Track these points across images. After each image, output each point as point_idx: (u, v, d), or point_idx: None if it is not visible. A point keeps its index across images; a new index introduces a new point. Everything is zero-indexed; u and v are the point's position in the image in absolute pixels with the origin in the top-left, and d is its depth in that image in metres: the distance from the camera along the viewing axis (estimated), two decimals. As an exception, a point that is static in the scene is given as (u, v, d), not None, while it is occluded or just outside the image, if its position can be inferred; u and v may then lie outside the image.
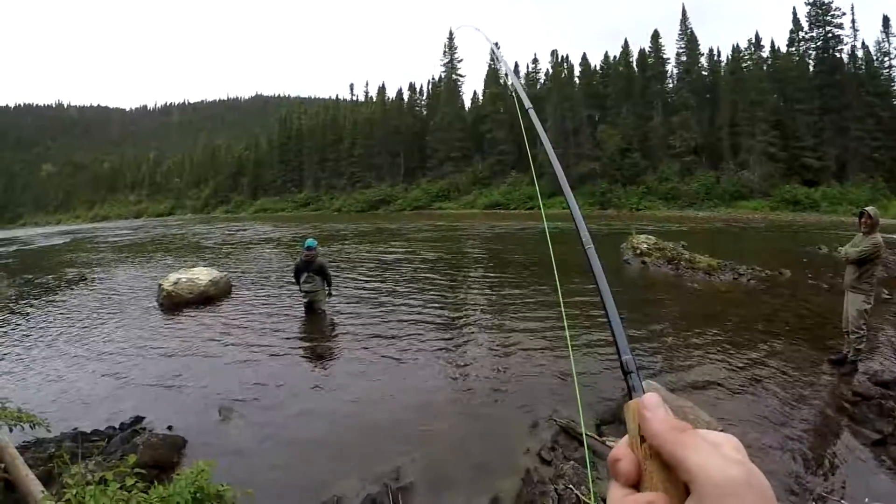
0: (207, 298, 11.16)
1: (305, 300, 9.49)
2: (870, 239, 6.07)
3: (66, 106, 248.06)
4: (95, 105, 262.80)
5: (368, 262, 16.80)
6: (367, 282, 13.14)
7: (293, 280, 9.74)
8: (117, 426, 5.16)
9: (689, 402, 4.76)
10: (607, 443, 4.30)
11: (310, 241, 9.42)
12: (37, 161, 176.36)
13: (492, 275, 14.03)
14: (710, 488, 0.39)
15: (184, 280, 11.29)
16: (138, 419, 5.30)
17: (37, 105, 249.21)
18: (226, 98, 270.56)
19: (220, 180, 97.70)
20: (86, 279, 15.86)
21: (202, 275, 11.71)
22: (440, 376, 6.35)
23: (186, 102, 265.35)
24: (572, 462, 4.16)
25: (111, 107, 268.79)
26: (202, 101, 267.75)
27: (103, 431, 5.02)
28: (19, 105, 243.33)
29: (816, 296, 10.69)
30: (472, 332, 8.22)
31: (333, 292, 9.80)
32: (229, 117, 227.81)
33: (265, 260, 18.93)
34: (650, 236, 16.57)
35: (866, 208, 6.30)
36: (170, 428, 5.04)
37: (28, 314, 11.28)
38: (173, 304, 10.80)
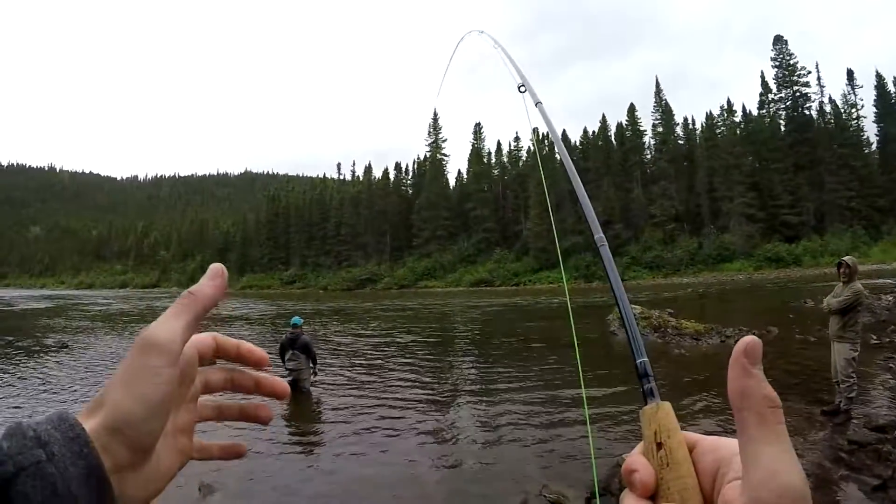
0: None
1: (290, 378, 9.19)
2: (850, 287, 6.28)
3: (58, 170, 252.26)
4: (87, 171, 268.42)
5: (354, 341, 16.75)
6: (352, 360, 13.15)
7: (278, 358, 9.63)
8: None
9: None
10: None
11: (295, 319, 9.53)
12: (25, 222, 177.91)
13: (477, 351, 14.18)
14: (770, 493, 0.35)
15: None
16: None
17: (29, 166, 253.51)
18: (215, 173, 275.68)
19: (207, 255, 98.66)
20: (67, 346, 15.84)
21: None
22: (428, 454, 6.33)
23: (177, 175, 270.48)
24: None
25: (102, 174, 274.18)
26: (192, 175, 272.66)
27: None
28: (12, 165, 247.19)
29: (805, 350, 10.83)
30: (459, 409, 8.34)
31: (318, 371, 9.80)
32: (218, 192, 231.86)
33: (250, 336, 18.86)
34: (636, 306, 16.64)
35: (844, 258, 6.55)
36: (149, 505, 5.20)
37: (2, 379, 11.24)
38: None
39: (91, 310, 35.19)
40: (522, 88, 1.41)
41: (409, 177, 78.98)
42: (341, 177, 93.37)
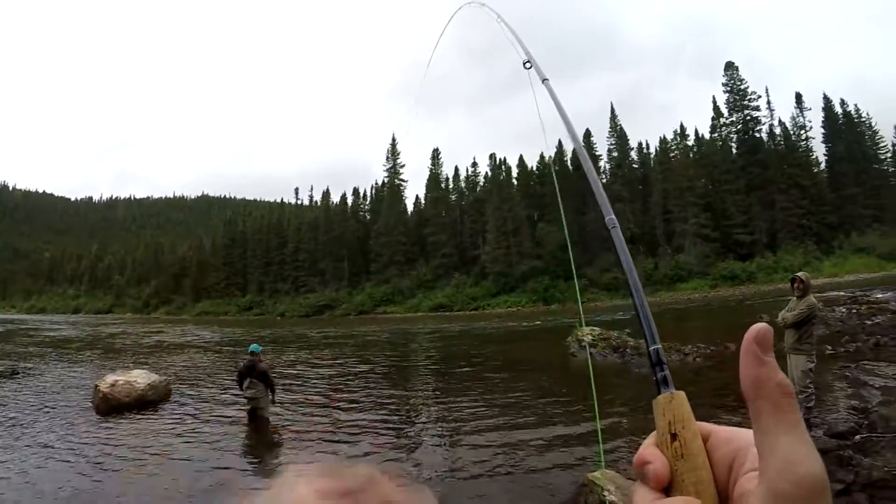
0: (146, 403, 10.92)
1: (248, 406, 9.36)
2: (804, 301, 6.53)
3: (10, 189, 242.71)
4: (41, 191, 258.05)
5: (312, 368, 16.82)
6: (311, 388, 13.14)
7: (236, 385, 9.64)
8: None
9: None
10: None
11: (253, 346, 9.51)
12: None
13: (436, 377, 14.29)
14: (789, 484, 0.35)
15: (121, 382, 11.04)
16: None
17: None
18: (172, 196, 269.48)
19: (162, 280, 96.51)
20: (18, 373, 15.65)
21: (141, 378, 11.49)
22: None
23: (132, 198, 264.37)
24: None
25: (56, 194, 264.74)
26: (148, 198, 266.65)
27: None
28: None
29: None
30: (421, 433, 8.34)
31: (277, 399, 9.73)
32: (174, 216, 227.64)
33: (207, 364, 18.74)
34: (594, 327, 17.03)
35: (797, 274, 6.84)
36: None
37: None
38: (109, 407, 10.55)
39: (41, 335, 34.33)
40: (528, 64, 1.36)
41: (367, 202, 79.19)
42: (299, 201, 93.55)
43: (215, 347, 25.60)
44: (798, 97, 61.07)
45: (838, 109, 61.04)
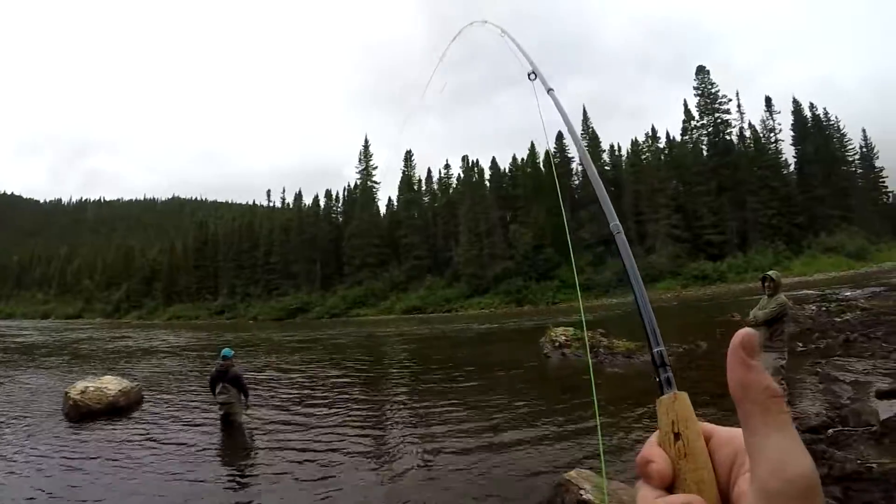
0: (117, 409, 10.79)
1: (221, 412, 9.24)
2: (775, 300, 6.62)
3: None
4: (9, 193, 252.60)
5: (286, 372, 16.69)
6: (284, 392, 13.05)
7: (208, 390, 9.57)
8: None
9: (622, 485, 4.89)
10: None
11: (226, 351, 9.40)
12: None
13: (410, 380, 14.22)
14: (780, 483, 0.36)
15: (92, 389, 10.91)
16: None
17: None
18: (143, 198, 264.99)
19: (132, 284, 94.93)
20: None
21: (112, 384, 11.36)
22: (366, 486, 6.28)
23: (102, 200, 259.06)
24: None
25: (25, 196, 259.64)
26: (118, 200, 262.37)
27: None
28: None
29: None
30: (397, 437, 8.29)
31: (250, 404, 9.65)
32: (145, 218, 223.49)
33: (179, 369, 18.48)
34: (567, 328, 17.03)
35: (768, 273, 6.89)
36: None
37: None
38: (80, 414, 10.40)
39: (9, 342, 33.60)
40: (532, 76, 1.40)
41: (340, 204, 78.95)
42: (271, 204, 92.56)
43: (187, 352, 25.28)
44: (768, 100, 62.37)
45: (807, 112, 62.50)
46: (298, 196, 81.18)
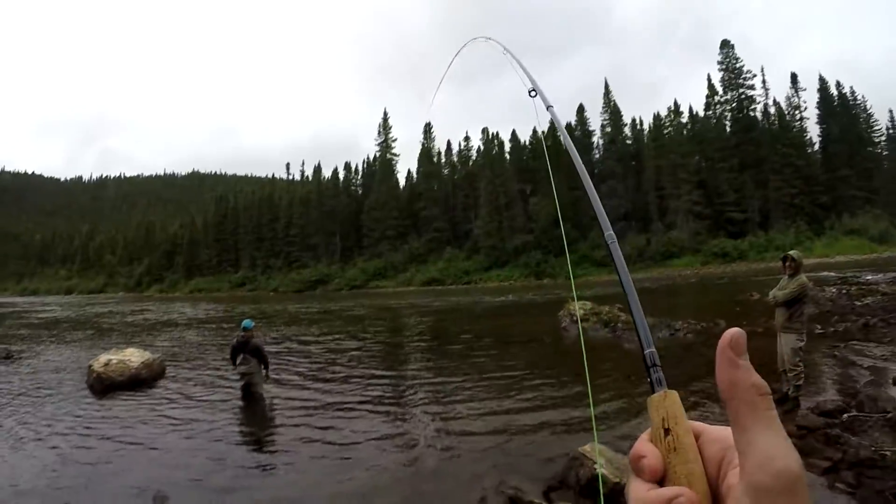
0: (140, 381, 10.90)
1: (242, 382, 9.32)
2: (796, 280, 6.49)
3: (0, 170, 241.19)
4: (31, 172, 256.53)
5: (306, 344, 16.73)
6: (305, 363, 13.10)
7: (230, 361, 9.64)
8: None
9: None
10: None
11: (246, 322, 9.41)
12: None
13: (429, 352, 14.27)
14: (768, 477, 0.38)
15: (115, 361, 11.04)
16: (70, 508, 5.18)
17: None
18: (162, 174, 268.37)
19: (154, 258, 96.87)
20: (11, 356, 15.50)
21: (134, 356, 11.47)
22: (384, 455, 6.38)
23: (122, 176, 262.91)
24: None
25: (46, 175, 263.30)
26: (139, 176, 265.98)
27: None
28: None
29: (752, 340, 11.39)
30: (414, 409, 8.36)
31: (271, 374, 9.75)
32: (165, 194, 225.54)
33: (200, 341, 18.70)
34: (586, 302, 17.12)
35: (789, 252, 6.72)
36: (103, 518, 5.11)
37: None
38: (104, 386, 10.54)
39: (34, 318, 34.12)
40: (533, 93, 1.44)
41: (359, 176, 79.25)
42: (290, 177, 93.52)
43: (208, 324, 25.56)
44: (793, 77, 61.54)
45: (833, 91, 61.55)
46: (318, 169, 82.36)
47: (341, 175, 79.20)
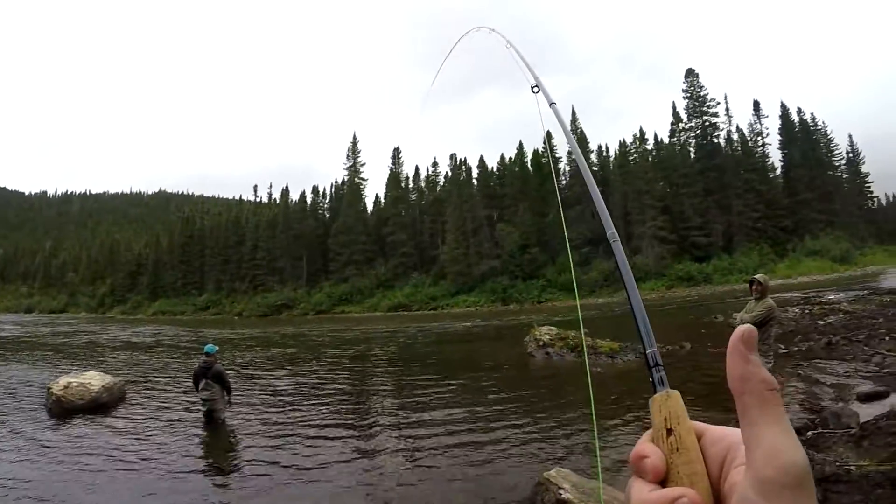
0: (100, 405, 10.77)
1: (204, 408, 9.27)
2: (763, 303, 6.63)
3: None
4: None
5: (270, 369, 16.75)
6: (268, 389, 13.09)
7: (192, 386, 9.58)
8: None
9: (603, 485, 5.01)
10: None
11: (209, 347, 9.44)
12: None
13: (396, 377, 14.32)
14: (774, 470, 0.38)
15: (75, 384, 10.90)
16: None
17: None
18: (129, 192, 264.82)
19: (117, 278, 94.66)
20: None
21: (95, 380, 11.35)
22: (348, 484, 6.34)
23: (88, 192, 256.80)
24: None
25: (10, 188, 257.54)
26: (104, 193, 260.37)
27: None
28: None
29: (717, 363, 11.60)
30: (379, 435, 8.38)
31: (233, 401, 9.67)
32: (131, 212, 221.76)
33: (162, 365, 18.58)
34: (552, 327, 17.11)
35: (755, 276, 6.86)
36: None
37: None
38: (63, 409, 10.44)
39: None
40: (536, 89, 1.44)
41: (327, 200, 79.14)
42: (257, 199, 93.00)
43: (171, 348, 25.37)
44: (756, 104, 63.44)
45: (795, 117, 63.59)
46: (285, 192, 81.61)
47: (308, 198, 78.78)
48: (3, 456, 7.87)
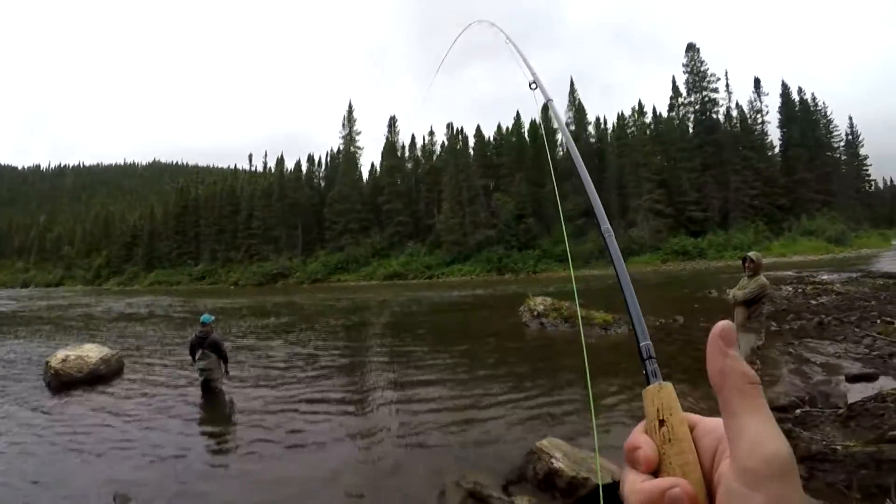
0: (98, 377, 10.80)
1: (201, 378, 9.32)
2: (755, 281, 6.67)
3: None
4: None
5: (266, 339, 16.68)
6: (264, 358, 13.08)
7: (188, 357, 9.68)
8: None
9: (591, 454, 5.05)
10: (516, 503, 4.57)
11: (205, 317, 9.49)
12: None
13: (391, 346, 14.31)
14: (757, 462, 0.39)
15: (73, 357, 10.94)
16: (28, 513, 5.08)
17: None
18: (122, 163, 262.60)
19: (113, 250, 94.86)
20: None
21: (92, 352, 11.36)
22: (344, 451, 6.46)
23: (81, 165, 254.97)
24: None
25: (2, 163, 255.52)
26: (98, 165, 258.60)
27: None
28: None
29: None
30: (374, 404, 8.46)
31: (230, 370, 9.75)
32: (125, 183, 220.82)
33: (159, 335, 18.53)
34: (546, 298, 17.04)
35: (748, 254, 6.90)
36: (62, 520, 5.03)
37: None
38: (61, 383, 10.47)
39: None
40: (533, 85, 1.44)
41: (322, 169, 79.00)
42: (253, 168, 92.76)
43: (167, 318, 25.32)
44: (757, 82, 63.35)
45: (795, 96, 63.53)
46: (280, 160, 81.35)
47: (304, 167, 78.86)
48: (3, 432, 7.87)
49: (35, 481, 5.91)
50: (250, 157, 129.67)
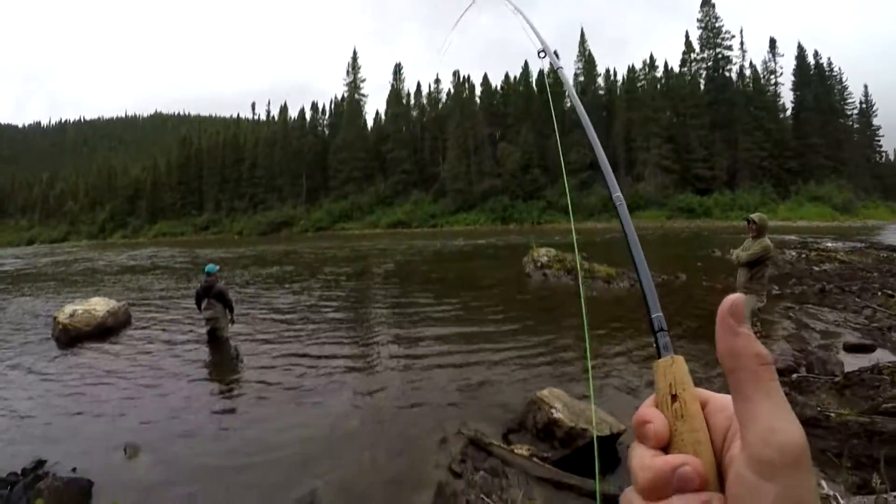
0: (106, 330, 10.89)
1: (207, 328, 9.48)
2: (759, 243, 6.68)
3: None
4: None
5: (271, 287, 16.93)
6: (270, 307, 13.22)
7: (194, 306, 9.79)
8: (19, 472, 4.94)
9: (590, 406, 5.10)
10: (515, 451, 4.64)
11: (209, 267, 9.55)
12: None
13: (395, 295, 14.37)
14: (771, 450, 0.37)
15: (80, 311, 10.99)
16: (40, 463, 5.12)
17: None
18: (123, 115, 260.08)
19: (116, 204, 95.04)
20: None
21: (99, 305, 11.42)
22: (348, 400, 6.51)
23: (82, 119, 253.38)
24: (482, 472, 4.38)
25: (2, 122, 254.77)
26: (99, 119, 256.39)
27: (5, 479, 4.81)
28: None
29: (710, 296, 11.38)
30: (378, 353, 8.53)
31: (236, 319, 9.89)
32: (127, 136, 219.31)
33: (164, 286, 18.66)
34: (550, 249, 17.04)
35: (752, 215, 6.89)
36: (74, 470, 4.95)
37: None
38: (70, 337, 10.50)
39: None
40: (542, 54, 1.42)
41: (326, 117, 78.44)
42: (256, 117, 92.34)
43: (173, 269, 25.40)
44: (772, 42, 62.53)
45: (811, 60, 62.57)
46: (284, 109, 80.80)
47: (308, 115, 78.15)
48: (14, 388, 7.87)
49: (46, 435, 5.99)
50: (253, 105, 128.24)
